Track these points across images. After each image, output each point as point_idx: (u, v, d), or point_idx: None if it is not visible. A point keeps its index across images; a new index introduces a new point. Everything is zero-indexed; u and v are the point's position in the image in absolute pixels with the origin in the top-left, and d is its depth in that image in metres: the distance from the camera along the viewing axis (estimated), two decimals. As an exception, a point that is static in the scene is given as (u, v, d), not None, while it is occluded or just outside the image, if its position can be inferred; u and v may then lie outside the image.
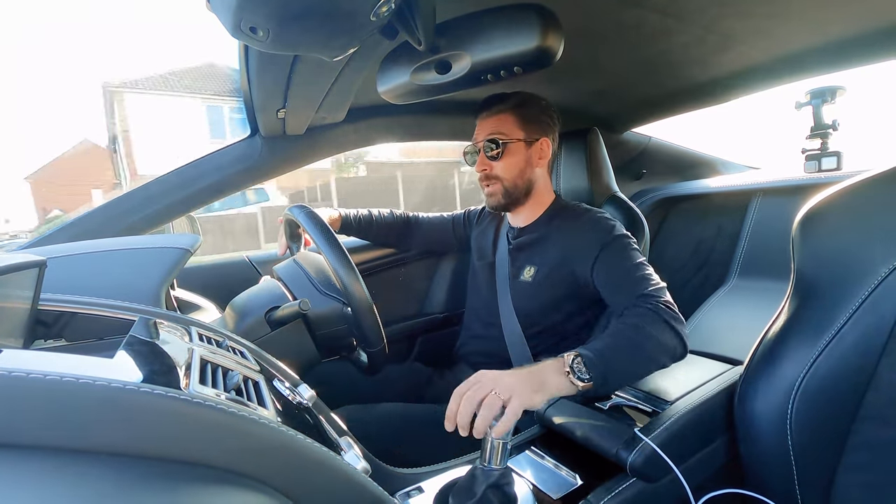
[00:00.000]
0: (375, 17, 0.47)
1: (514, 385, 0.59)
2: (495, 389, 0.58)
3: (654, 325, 0.75)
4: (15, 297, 0.47)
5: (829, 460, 0.63)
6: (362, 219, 1.24)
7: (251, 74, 0.79)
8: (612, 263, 0.90)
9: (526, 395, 0.59)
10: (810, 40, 0.94)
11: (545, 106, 1.01)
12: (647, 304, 0.79)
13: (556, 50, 0.59)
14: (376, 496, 0.43)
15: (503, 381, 0.59)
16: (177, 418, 0.33)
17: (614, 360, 0.69)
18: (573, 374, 0.65)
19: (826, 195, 0.64)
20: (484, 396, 0.58)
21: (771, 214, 1.43)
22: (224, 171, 1.07)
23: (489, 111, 1.00)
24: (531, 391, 0.60)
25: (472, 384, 0.60)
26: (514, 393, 0.58)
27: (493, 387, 0.58)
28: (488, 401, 0.57)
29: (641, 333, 0.74)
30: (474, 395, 0.58)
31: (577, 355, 0.67)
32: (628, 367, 0.72)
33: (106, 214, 1.01)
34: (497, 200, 1.02)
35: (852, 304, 0.60)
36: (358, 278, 0.81)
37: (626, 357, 0.71)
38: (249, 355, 0.61)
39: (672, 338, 0.76)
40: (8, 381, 0.29)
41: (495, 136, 0.98)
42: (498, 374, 0.61)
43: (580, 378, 0.65)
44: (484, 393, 0.58)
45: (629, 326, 0.75)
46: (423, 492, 0.63)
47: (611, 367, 0.68)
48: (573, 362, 0.66)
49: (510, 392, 0.58)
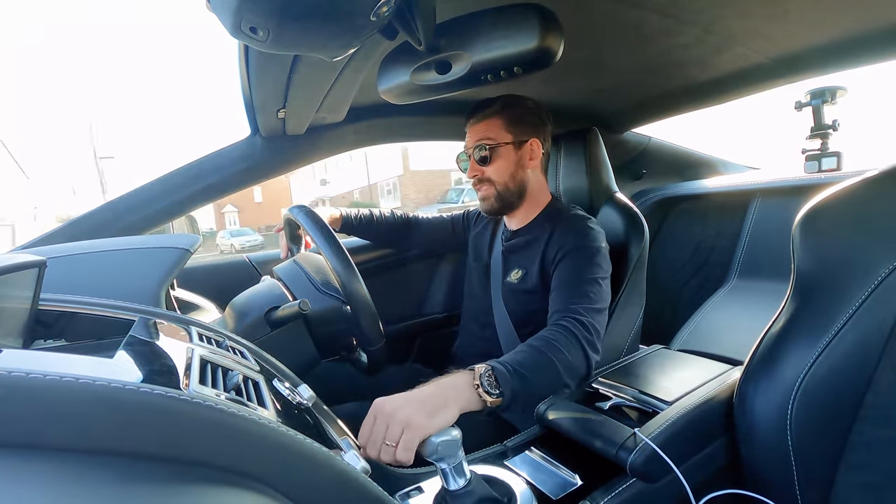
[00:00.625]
0: (375, 17, 0.47)
1: (408, 417, 0.56)
2: (389, 425, 0.56)
3: (567, 346, 0.76)
4: (15, 297, 0.47)
5: (829, 460, 0.63)
6: (363, 218, 1.24)
7: (251, 74, 0.79)
8: (569, 268, 0.91)
9: (420, 424, 0.56)
10: (810, 40, 0.94)
11: (532, 106, 1.01)
12: (570, 319, 0.80)
13: (556, 50, 0.59)
14: (376, 496, 0.43)
15: (397, 415, 0.57)
16: (177, 418, 0.33)
17: (524, 380, 0.68)
18: (482, 387, 0.64)
19: (826, 195, 0.64)
20: (382, 437, 0.56)
21: (771, 215, 1.43)
22: (224, 171, 1.07)
23: (476, 117, 1.01)
24: (427, 416, 0.57)
25: (369, 425, 0.58)
26: (407, 425, 0.56)
27: (388, 422, 0.56)
28: (385, 443, 0.56)
29: (554, 352, 0.74)
30: (375, 438, 0.57)
31: (490, 369, 0.66)
32: (537, 386, 0.71)
33: (106, 214, 1.01)
34: (491, 204, 1.02)
35: (852, 305, 0.60)
36: (356, 276, 0.81)
37: (537, 377, 0.71)
38: (249, 355, 0.61)
39: (581, 361, 0.77)
40: (7, 380, 0.29)
41: (483, 142, 0.98)
42: (394, 406, 0.58)
43: (489, 392, 0.64)
44: (381, 434, 0.56)
45: (545, 342, 0.75)
46: (423, 492, 0.63)
47: (521, 386, 0.67)
48: (483, 376, 0.65)
49: (402, 425, 0.56)
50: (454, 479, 0.53)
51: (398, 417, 0.56)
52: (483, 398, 0.64)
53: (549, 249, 0.97)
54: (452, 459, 0.53)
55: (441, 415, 0.58)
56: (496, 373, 0.66)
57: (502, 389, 0.65)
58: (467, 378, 0.65)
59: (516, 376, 0.68)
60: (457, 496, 0.53)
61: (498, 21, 0.59)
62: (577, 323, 0.80)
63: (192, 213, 1.14)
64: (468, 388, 0.64)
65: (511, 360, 0.70)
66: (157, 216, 1.04)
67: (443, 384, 0.64)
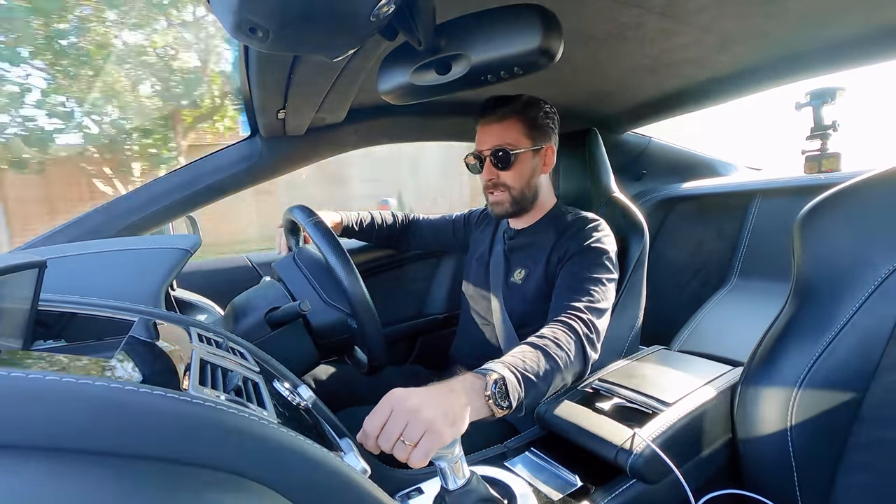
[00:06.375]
0: (375, 17, 0.47)
1: (431, 421, 0.52)
2: (410, 423, 0.52)
3: (568, 343, 0.76)
4: (15, 297, 0.47)
5: (829, 461, 0.63)
6: (363, 223, 1.24)
7: (251, 74, 0.79)
8: (575, 267, 0.90)
9: (442, 431, 0.52)
10: (809, 40, 0.94)
11: (548, 110, 1.00)
12: (571, 316, 0.80)
13: (556, 51, 0.59)
14: (376, 497, 0.43)
15: (421, 416, 0.52)
16: (176, 419, 0.33)
17: (531, 386, 0.68)
18: (492, 399, 0.62)
19: (826, 196, 0.64)
20: (399, 433, 0.52)
21: (771, 215, 1.43)
22: (224, 172, 1.07)
23: (493, 115, 0.97)
24: (449, 425, 0.53)
25: (383, 416, 0.53)
26: (429, 430, 0.52)
27: (408, 419, 0.52)
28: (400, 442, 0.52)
29: (557, 352, 0.73)
30: (390, 432, 0.52)
31: (501, 379, 0.64)
32: (542, 391, 0.71)
33: (106, 214, 1.01)
34: (504, 209, 1.01)
35: (852, 306, 0.60)
36: (365, 295, 0.81)
37: (542, 382, 0.70)
38: (249, 356, 0.61)
39: (580, 359, 0.77)
40: (7, 381, 0.29)
41: (504, 146, 0.95)
42: (417, 404, 0.53)
43: (499, 404, 0.62)
44: (397, 430, 0.52)
45: (548, 341, 0.75)
46: (423, 493, 0.63)
47: (528, 394, 0.67)
48: (494, 388, 0.63)
49: (424, 428, 0.52)
50: (454, 478, 0.53)
51: (421, 419, 0.52)
52: (492, 409, 0.62)
53: (556, 251, 0.96)
54: (452, 459, 0.53)
55: (458, 425, 0.55)
56: (507, 384, 0.64)
57: (510, 401, 0.64)
58: (480, 386, 0.62)
59: (524, 384, 0.66)
60: (456, 496, 0.53)
61: (498, 21, 0.59)
62: (579, 320, 0.80)
63: (192, 213, 1.14)
64: (480, 398, 0.62)
65: (519, 364, 0.68)
66: (158, 216, 1.04)
67: (457, 390, 0.60)
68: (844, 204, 0.63)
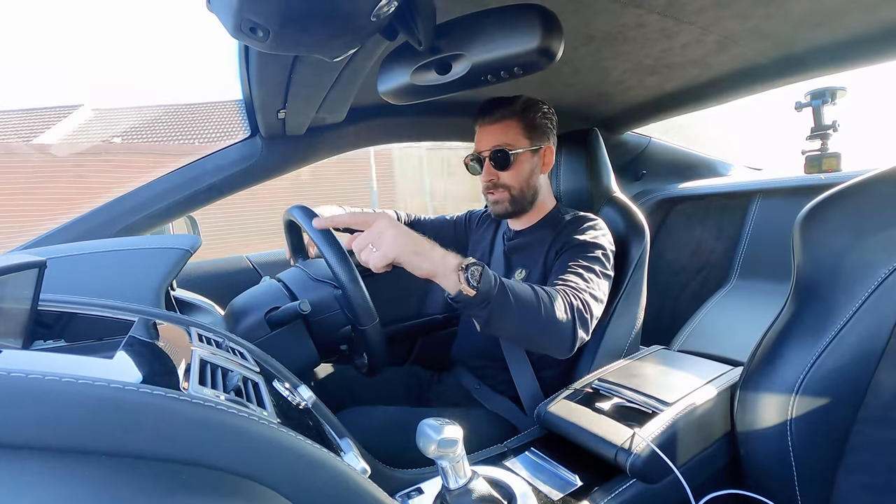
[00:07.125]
0: (376, 17, 0.47)
1: (396, 237, 0.64)
2: (382, 234, 0.64)
3: (559, 307, 0.75)
4: (15, 297, 0.47)
5: (829, 461, 0.63)
6: None
7: (251, 74, 0.79)
8: (570, 259, 0.90)
9: (402, 247, 0.64)
10: (810, 40, 0.94)
11: (547, 111, 1.00)
12: (566, 291, 0.79)
13: (557, 51, 0.59)
14: (376, 497, 0.43)
15: (390, 231, 0.64)
16: (176, 419, 0.33)
17: (504, 295, 0.69)
18: (464, 271, 0.66)
19: (826, 196, 0.64)
20: (370, 242, 0.65)
21: (771, 215, 1.43)
22: (225, 172, 1.07)
23: (492, 117, 0.98)
24: (411, 250, 0.65)
25: (366, 234, 0.66)
26: (393, 243, 0.64)
27: (381, 233, 0.65)
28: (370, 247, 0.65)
29: (545, 301, 0.73)
30: (363, 241, 0.66)
31: (481, 265, 0.68)
32: (513, 311, 0.70)
33: (106, 214, 1.01)
34: (504, 208, 1.01)
35: (852, 306, 0.60)
36: (345, 258, 0.80)
37: (518, 303, 0.70)
38: (249, 356, 0.61)
39: (568, 327, 0.75)
40: (7, 381, 0.29)
41: (503, 147, 0.96)
42: (395, 228, 0.65)
43: (468, 281, 0.66)
44: (370, 239, 0.65)
45: (540, 290, 0.75)
46: (423, 493, 0.63)
47: (498, 298, 0.68)
48: (471, 265, 0.67)
49: (390, 240, 0.64)
50: (455, 477, 0.53)
51: (391, 233, 0.64)
52: (460, 283, 0.66)
53: (553, 248, 0.97)
54: (453, 457, 0.53)
55: (419, 259, 0.65)
56: (483, 271, 0.67)
57: (480, 287, 0.66)
58: (458, 259, 0.68)
59: (499, 287, 0.68)
60: (457, 495, 0.53)
61: (498, 22, 0.59)
62: (573, 296, 0.79)
63: (192, 213, 1.14)
64: (453, 265, 0.67)
65: (506, 280, 0.71)
66: (158, 216, 1.04)
67: (437, 247, 0.68)
68: (844, 204, 0.63)
